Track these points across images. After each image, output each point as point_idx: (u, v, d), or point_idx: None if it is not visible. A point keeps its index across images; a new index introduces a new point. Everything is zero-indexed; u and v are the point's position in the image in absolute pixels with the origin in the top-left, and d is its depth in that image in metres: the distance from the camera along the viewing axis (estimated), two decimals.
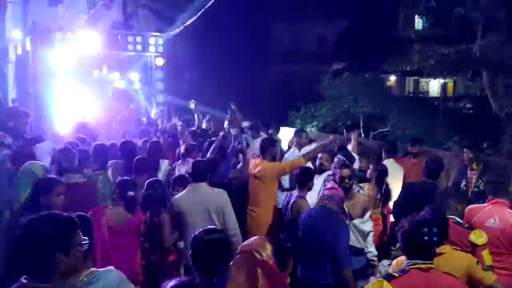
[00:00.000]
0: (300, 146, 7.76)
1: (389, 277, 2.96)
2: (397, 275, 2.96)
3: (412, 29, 17.80)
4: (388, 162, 6.99)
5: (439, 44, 9.76)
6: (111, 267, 2.63)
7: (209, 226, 3.26)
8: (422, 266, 2.95)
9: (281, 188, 6.56)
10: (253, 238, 2.75)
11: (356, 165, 6.55)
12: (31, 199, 4.01)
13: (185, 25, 9.69)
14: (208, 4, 7.58)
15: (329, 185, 4.84)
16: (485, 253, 3.85)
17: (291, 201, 5.26)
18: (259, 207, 5.99)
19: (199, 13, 8.93)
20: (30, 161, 5.06)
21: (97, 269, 2.49)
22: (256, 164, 6.17)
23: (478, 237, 3.90)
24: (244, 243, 2.71)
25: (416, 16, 10.21)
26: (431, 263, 2.98)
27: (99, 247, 4.29)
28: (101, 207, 4.65)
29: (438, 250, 3.32)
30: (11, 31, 12.80)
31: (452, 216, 4.07)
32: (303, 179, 5.30)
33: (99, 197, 5.16)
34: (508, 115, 8.94)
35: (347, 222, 4.73)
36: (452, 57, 9.31)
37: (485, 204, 4.64)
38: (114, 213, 4.52)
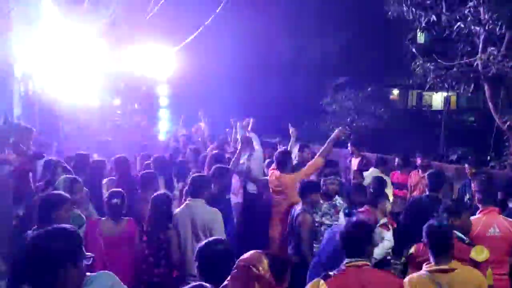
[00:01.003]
0: (303, 161, 7.77)
1: (325, 277, 3.16)
2: (332, 274, 3.17)
3: (415, 43, 17.76)
4: (373, 172, 7.12)
5: (441, 58, 9.81)
6: (103, 271, 2.69)
7: (215, 237, 3.38)
8: (358, 263, 3.16)
9: None
10: (250, 252, 2.77)
11: None
12: (39, 213, 4.03)
13: (187, 40, 9.80)
14: (209, 20, 7.68)
15: (361, 209, 4.98)
16: (488, 273, 3.81)
17: (295, 214, 5.27)
18: (279, 220, 5.99)
19: (200, 28, 9.03)
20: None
21: (90, 273, 2.54)
22: (276, 179, 6.13)
23: (479, 253, 3.87)
24: (241, 257, 2.73)
25: (418, 30, 10.22)
26: (365, 260, 3.20)
27: (96, 259, 4.39)
28: (96, 220, 4.79)
29: (449, 265, 3.34)
30: (16, 48, 12.91)
31: (455, 231, 4.06)
32: (304, 191, 5.33)
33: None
34: (511, 127, 8.93)
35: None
36: (454, 71, 9.34)
37: (479, 215, 4.66)
38: (106, 224, 4.73)
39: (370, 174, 6.99)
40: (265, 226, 6.22)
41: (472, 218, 4.67)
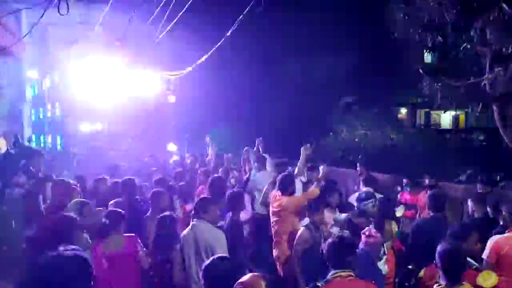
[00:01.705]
0: (311, 182, 7.79)
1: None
2: (320, 285, 3.55)
3: (422, 62, 17.80)
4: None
5: (448, 77, 9.84)
6: None
7: (220, 255, 3.43)
8: (342, 274, 3.56)
9: None
10: (248, 275, 2.81)
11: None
12: (50, 235, 4.08)
13: (197, 63, 9.89)
14: (220, 43, 7.79)
15: (368, 232, 4.98)
16: None
17: None
18: (281, 240, 6.11)
19: (210, 52, 9.11)
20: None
21: None
22: (275, 200, 6.29)
23: (486, 279, 3.80)
24: (239, 280, 2.78)
25: (425, 51, 10.25)
26: (349, 271, 3.58)
27: (99, 276, 4.48)
28: (97, 241, 4.85)
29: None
30: (27, 71, 13.19)
31: None
32: (308, 210, 5.48)
33: None
34: None
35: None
36: (461, 90, 9.36)
37: (508, 234, 4.60)
38: (108, 241, 4.81)
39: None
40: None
41: (500, 236, 4.64)
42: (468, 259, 4.05)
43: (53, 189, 6.00)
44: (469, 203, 6.05)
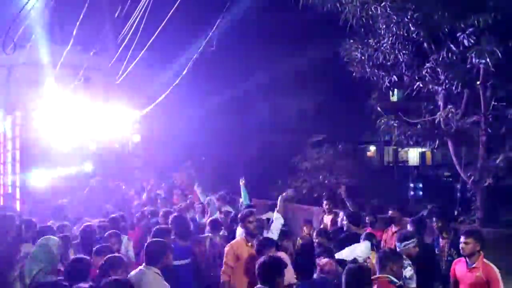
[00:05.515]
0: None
1: None
2: None
3: (387, 101, 18.27)
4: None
5: (410, 115, 10.14)
6: None
7: None
8: None
9: None
10: None
11: None
12: None
13: (158, 100, 9.92)
14: (176, 82, 7.86)
15: (323, 261, 5.04)
16: None
17: None
18: None
19: (171, 87, 9.13)
20: (47, 236, 5.20)
21: None
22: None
23: None
24: None
25: (383, 89, 10.54)
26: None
27: None
28: None
29: None
30: None
31: (387, 275, 4.43)
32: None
33: None
34: (475, 182, 9.11)
35: None
36: (418, 128, 9.63)
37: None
38: None
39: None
40: None
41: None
42: (394, 279, 4.42)
43: None
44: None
